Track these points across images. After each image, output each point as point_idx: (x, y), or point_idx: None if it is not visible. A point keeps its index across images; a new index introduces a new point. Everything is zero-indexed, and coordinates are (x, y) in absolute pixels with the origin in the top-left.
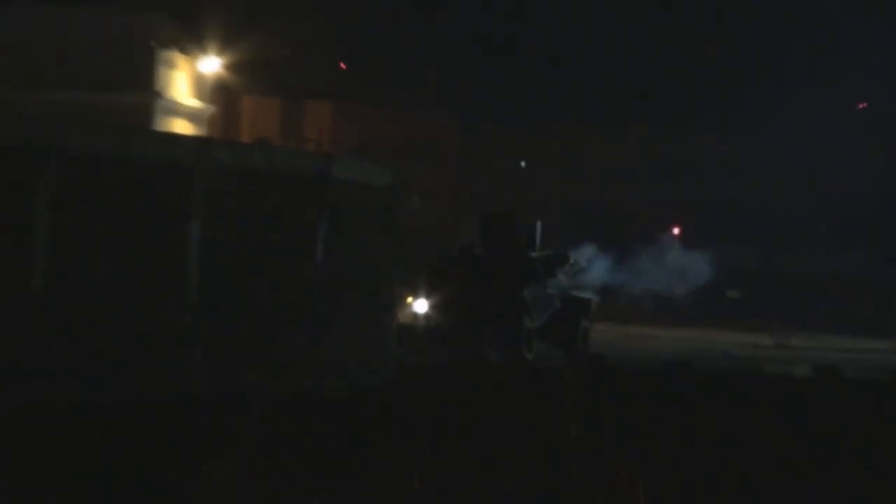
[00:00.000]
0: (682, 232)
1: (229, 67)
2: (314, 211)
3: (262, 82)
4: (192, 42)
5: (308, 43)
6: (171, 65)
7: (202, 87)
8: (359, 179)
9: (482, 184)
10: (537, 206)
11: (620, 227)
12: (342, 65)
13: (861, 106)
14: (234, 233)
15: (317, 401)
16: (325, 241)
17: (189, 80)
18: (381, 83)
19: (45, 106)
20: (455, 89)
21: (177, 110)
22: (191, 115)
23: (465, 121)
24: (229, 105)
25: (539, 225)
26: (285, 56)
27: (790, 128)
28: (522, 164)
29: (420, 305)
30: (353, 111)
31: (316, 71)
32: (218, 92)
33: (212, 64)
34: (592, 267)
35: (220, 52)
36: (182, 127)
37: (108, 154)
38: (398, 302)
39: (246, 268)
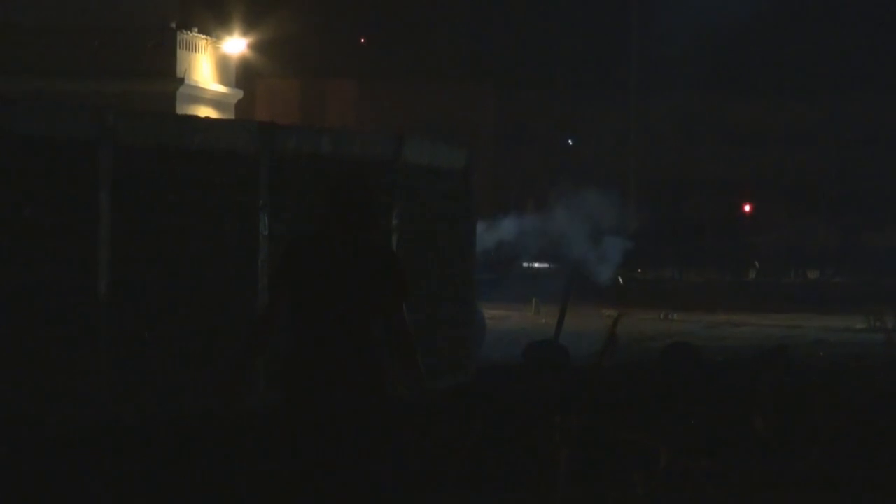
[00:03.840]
0: (753, 207)
1: (253, 48)
2: (385, 199)
3: (281, 62)
4: (213, 22)
5: (329, 19)
6: (193, 48)
7: (226, 70)
8: (432, 163)
9: (524, 159)
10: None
11: (685, 203)
12: (363, 40)
13: None
14: (301, 225)
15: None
16: (398, 231)
17: (213, 63)
18: (407, 56)
19: (56, 97)
20: (489, 54)
21: (201, 96)
22: (216, 102)
23: (502, 90)
24: (244, 88)
25: None
26: (306, 34)
27: (878, 88)
28: (570, 141)
29: None
30: (378, 89)
31: (338, 49)
32: (239, 75)
33: (237, 45)
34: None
35: (244, 32)
36: (208, 113)
37: (165, 143)
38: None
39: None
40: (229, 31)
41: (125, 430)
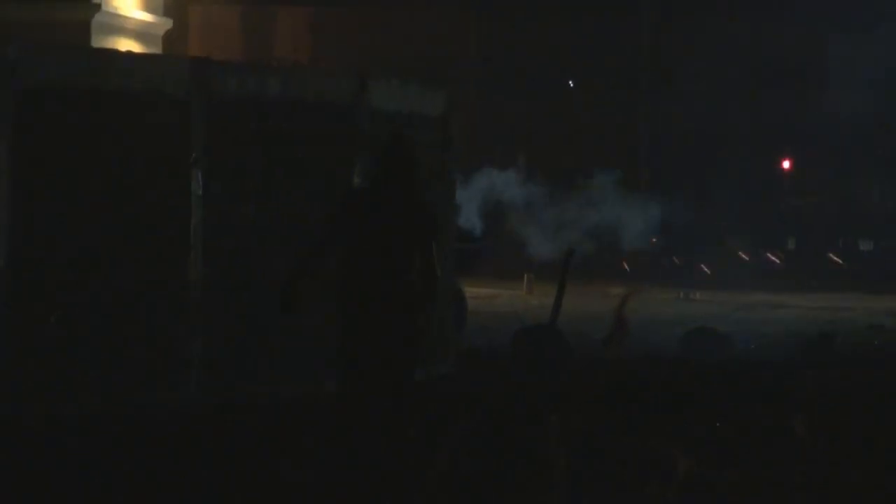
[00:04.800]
0: (793, 164)
1: None
2: (346, 152)
3: None
4: None
5: None
6: None
7: None
8: (402, 108)
9: (514, 106)
10: (590, 136)
11: (710, 159)
12: None
13: None
14: (242, 183)
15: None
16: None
17: None
18: None
19: None
20: None
21: (122, 26)
22: (140, 33)
23: (486, 19)
24: (174, 16)
25: None
26: None
27: None
28: (571, 83)
29: None
30: (336, 17)
31: None
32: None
33: None
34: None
35: None
36: (130, 47)
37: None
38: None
39: (259, 229)
40: None
41: (25, 428)
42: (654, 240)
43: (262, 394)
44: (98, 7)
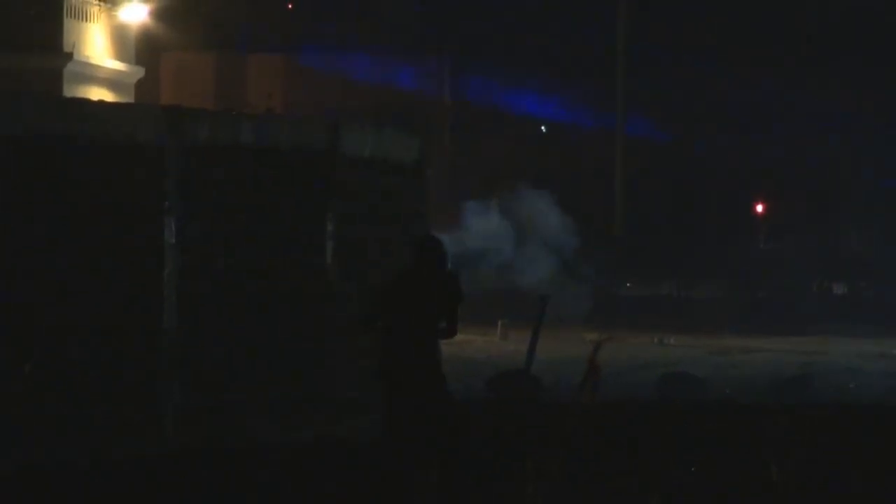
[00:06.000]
0: (767, 209)
1: (156, 16)
2: (320, 199)
3: (191, 33)
4: None
5: None
6: (83, 16)
7: (124, 43)
8: (376, 154)
9: (488, 150)
10: (566, 178)
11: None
12: (290, 5)
13: None
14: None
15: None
16: (334, 238)
17: (108, 35)
18: (344, 25)
19: None
20: (443, 21)
21: (94, 75)
22: (113, 81)
23: (459, 66)
24: (146, 65)
25: None
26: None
27: None
28: (543, 128)
29: None
30: (309, 65)
31: (260, 16)
32: (140, 49)
33: (136, 12)
34: None
35: None
36: (102, 95)
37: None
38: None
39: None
40: None
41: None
42: (629, 285)
43: (240, 440)
44: (70, 56)
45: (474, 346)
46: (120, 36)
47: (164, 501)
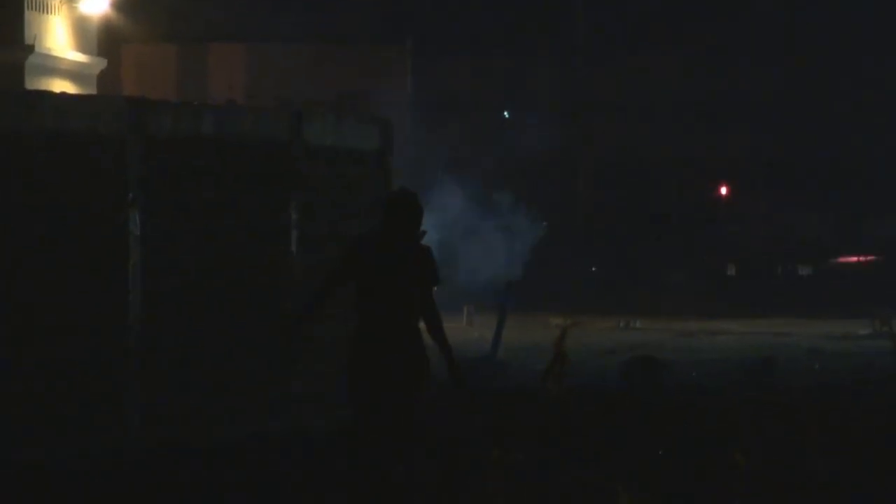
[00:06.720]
0: (730, 191)
1: (117, 7)
2: (281, 190)
3: (152, 24)
4: None
5: None
6: (44, 8)
7: (86, 35)
8: (338, 143)
9: (448, 140)
10: (530, 168)
11: (648, 189)
12: None
13: None
14: (181, 222)
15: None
16: (298, 228)
17: (69, 27)
18: (306, 15)
19: None
20: (405, 10)
21: (56, 67)
22: (74, 73)
23: (420, 54)
24: (108, 56)
25: None
26: None
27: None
28: (506, 114)
29: None
30: (271, 54)
31: (221, 6)
32: (102, 40)
33: (97, 4)
34: None
35: None
36: (64, 87)
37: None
38: None
39: (198, 271)
40: None
41: None
42: (594, 269)
43: (206, 438)
44: (31, 49)
45: None
46: (81, 28)
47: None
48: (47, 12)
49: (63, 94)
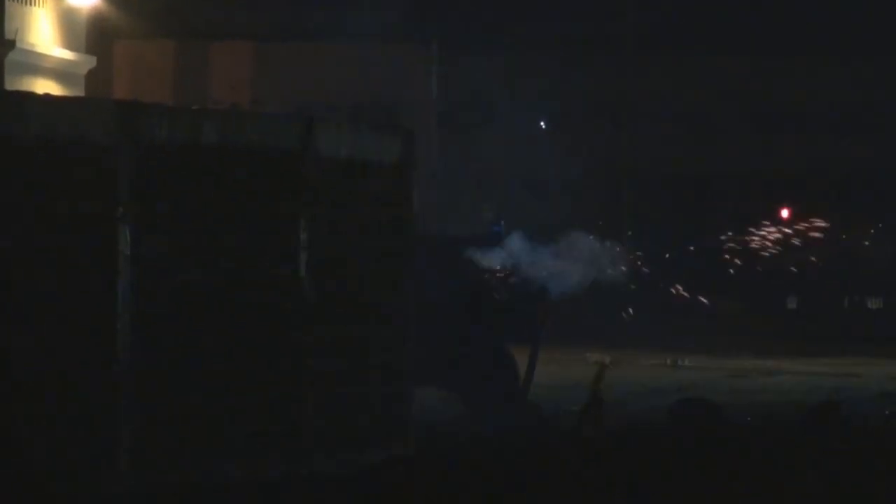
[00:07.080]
0: (792, 213)
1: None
2: (291, 204)
3: (147, 18)
4: None
5: None
6: (28, 0)
7: (74, 30)
8: (354, 155)
9: (480, 150)
10: (565, 181)
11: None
12: None
13: None
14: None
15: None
16: (308, 248)
17: (55, 21)
18: (319, 10)
19: None
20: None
21: (40, 65)
22: (60, 72)
23: (447, 55)
24: (98, 54)
25: None
26: None
27: None
28: (542, 124)
29: None
30: (281, 54)
31: (225, 1)
32: (91, 36)
33: None
34: None
35: None
36: (49, 88)
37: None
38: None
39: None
40: None
41: None
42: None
43: (199, 478)
44: (13, 44)
45: None
46: (69, 21)
47: None
48: (31, 4)
49: (46, 96)
